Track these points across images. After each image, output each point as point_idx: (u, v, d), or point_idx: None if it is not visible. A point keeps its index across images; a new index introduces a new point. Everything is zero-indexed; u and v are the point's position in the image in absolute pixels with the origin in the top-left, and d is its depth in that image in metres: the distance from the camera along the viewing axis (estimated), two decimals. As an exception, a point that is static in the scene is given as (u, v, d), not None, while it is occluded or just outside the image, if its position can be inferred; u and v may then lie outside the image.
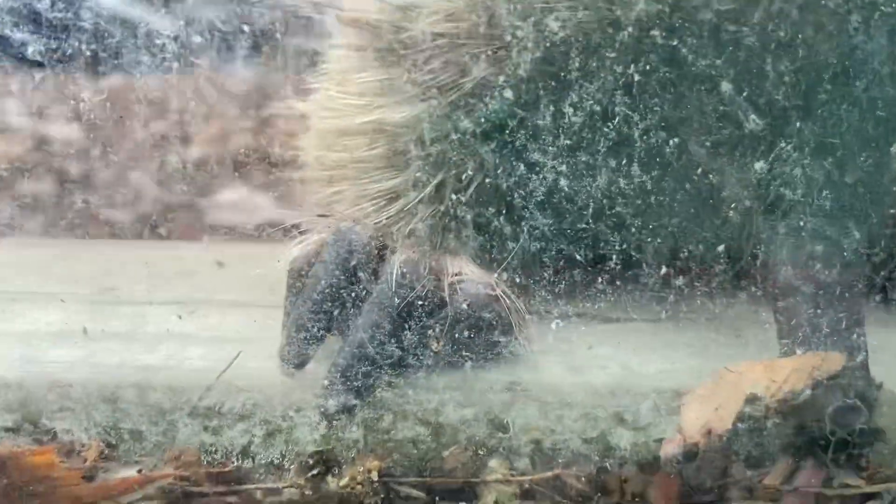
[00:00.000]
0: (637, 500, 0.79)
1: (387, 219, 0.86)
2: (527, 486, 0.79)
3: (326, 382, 0.77)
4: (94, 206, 0.81)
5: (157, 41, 0.65)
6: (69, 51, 0.66)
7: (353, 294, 0.80)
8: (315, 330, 0.79)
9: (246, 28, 0.68)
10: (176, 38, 0.65)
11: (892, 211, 0.74)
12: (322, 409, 0.76)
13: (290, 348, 0.80)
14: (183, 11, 0.65)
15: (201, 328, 0.91)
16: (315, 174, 0.96)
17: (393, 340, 0.76)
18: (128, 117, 0.73)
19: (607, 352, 0.85)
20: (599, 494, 0.79)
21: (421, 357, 0.76)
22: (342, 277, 0.81)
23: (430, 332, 0.75)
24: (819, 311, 0.74)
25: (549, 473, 0.79)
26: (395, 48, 0.80)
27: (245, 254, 1.07)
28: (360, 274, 0.81)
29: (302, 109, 0.94)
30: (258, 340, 0.84)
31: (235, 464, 0.78)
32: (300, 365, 0.80)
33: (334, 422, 0.76)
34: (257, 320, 0.89)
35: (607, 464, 0.78)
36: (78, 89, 0.72)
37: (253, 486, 0.79)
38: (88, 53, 0.66)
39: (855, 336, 0.74)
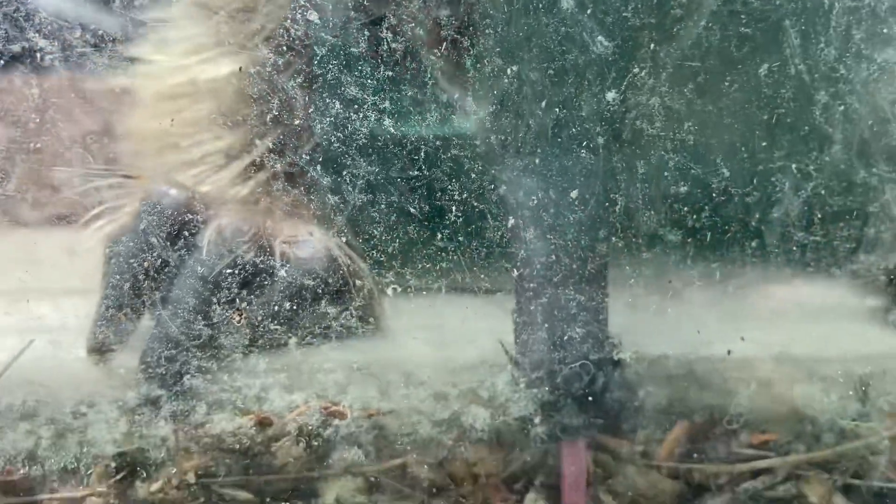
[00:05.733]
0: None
1: (217, 185, 0.75)
2: (372, 478, 0.69)
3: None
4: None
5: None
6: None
7: (167, 268, 0.69)
8: (123, 311, 0.68)
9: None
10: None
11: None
12: (120, 403, 0.65)
13: (94, 333, 0.68)
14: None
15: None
16: (141, 146, 0.84)
17: (201, 317, 0.65)
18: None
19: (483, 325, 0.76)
20: (452, 483, 0.69)
21: (237, 335, 0.65)
22: (155, 249, 0.69)
23: (236, 302, 0.64)
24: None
25: (395, 462, 0.69)
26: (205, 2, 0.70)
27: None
28: (176, 243, 0.69)
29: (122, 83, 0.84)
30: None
31: (22, 471, 0.66)
32: (105, 353, 0.68)
33: (136, 416, 0.65)
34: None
35: (461, 447, 0.68)
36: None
37: (47, 497, 0.67)
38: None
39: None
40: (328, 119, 0.63)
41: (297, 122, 0.69)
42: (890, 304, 0.69)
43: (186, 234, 0.70)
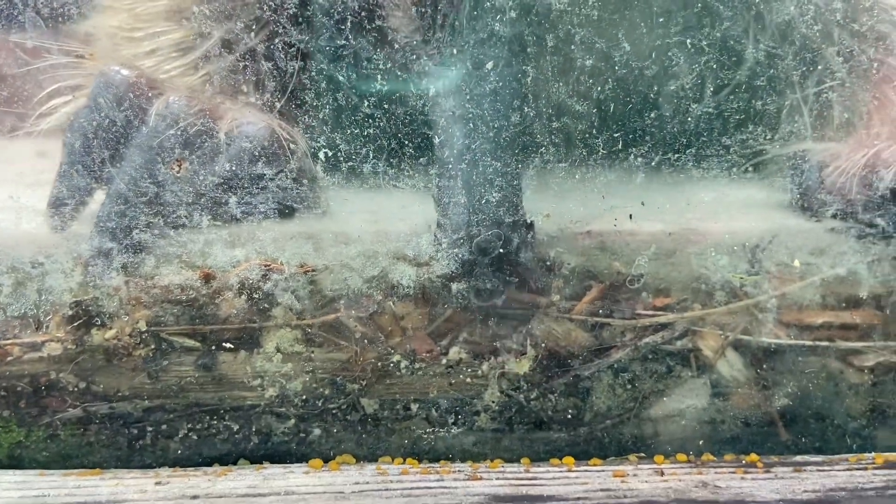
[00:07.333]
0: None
1: (171, 73, 0.81)
2: (310, 330, 0.76)
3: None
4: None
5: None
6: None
7: (116, 131, 0.74)
8: (75, 168, 0.74)
9: None
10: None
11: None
12: (75, 254, 0.71)
13: (53, 191, 0.74)
14: None
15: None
16: (100, 41, 0.90)
17: (147, 176, 0.71)
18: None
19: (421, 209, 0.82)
20: (382, 336, 0.76)
21: (182, 195, 0.71)
22: (105, 120, 0.74)
23: (175, 156, 0.70)
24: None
25: (329, 316, 0.76)
26: None
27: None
28: (127, 113, 0.75)
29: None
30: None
31: (-15, 318, 0.72)
32: (61, 207, 0.74)
33: (90, 267, 0.71)
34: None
35: (390, 302, 0.75)
36: None
37: (10, 342, 0.73)
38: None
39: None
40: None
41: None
42: (778, 174, 0.76)
43: (136, 104, 0.75)
